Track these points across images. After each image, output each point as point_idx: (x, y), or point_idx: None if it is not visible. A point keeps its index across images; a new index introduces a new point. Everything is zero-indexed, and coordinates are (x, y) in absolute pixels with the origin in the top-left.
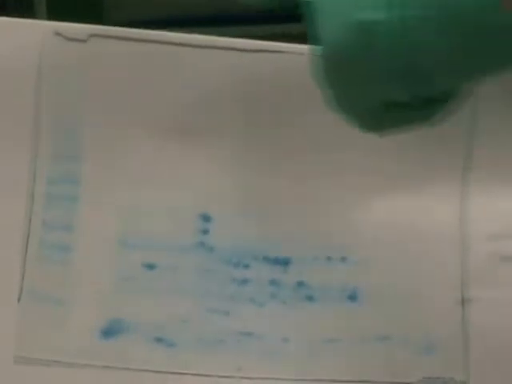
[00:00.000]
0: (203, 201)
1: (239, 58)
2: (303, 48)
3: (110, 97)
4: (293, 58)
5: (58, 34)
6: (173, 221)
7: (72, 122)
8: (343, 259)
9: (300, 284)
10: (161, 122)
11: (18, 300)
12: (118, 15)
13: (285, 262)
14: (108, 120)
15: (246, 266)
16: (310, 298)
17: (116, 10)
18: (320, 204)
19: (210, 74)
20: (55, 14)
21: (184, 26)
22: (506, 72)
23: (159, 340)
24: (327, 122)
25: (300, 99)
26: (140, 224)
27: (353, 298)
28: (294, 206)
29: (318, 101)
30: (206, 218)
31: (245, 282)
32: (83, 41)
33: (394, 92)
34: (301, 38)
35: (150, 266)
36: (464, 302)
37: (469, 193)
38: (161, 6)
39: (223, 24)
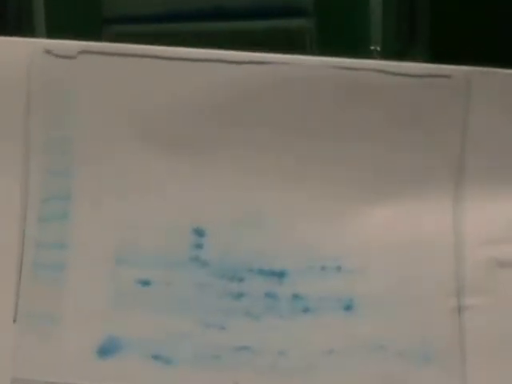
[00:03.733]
0: (196, 215)
1: (231, 70)
2: (295, 58)
3: (100, 112)
4: (285, 68)
5: (47, 51)
6: (166, 236)
7: (63, 139)
8: (338, 269)
9: (296, 296)
10: (152, 137)
11: (14, 321)
12: (117, 12)
13: (280, 274)
14: (99, 136)
15: (241, 280)
16: (306, 310)
17: (114, 6)
18: (313, 214)
19: (202, 87)
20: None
21: (181, 20)
22: None
23: (156, 357)
24: (318, 134)
25: (294, 110)
26: (133, 240)
27: (349, 308)
28: (287, 217)
29: (312, 112)
30: (200, 232)
31: (240, 295)
32: (73, 57)
33: None
34: (297, 33)
35: (145, 283)
36: (460, 310)
37: (463, 199)
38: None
39: (220, 18)
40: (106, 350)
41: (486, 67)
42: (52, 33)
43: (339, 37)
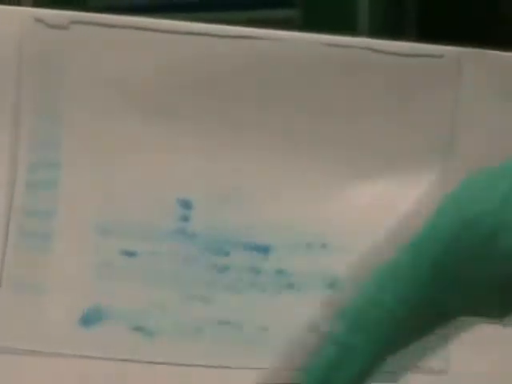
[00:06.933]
0: (185, 188)
1: (220, 43)
2: (286, 34)
3: (90, 82)
4: (271, 44)
5: (39, 20)
6: (154, 208)
7: (53, 108)
8: (323, 246)
9: (280, 272)
10: (142, 108)
11: None
12: (101, 2)
13: (265, 250)
14: (89, 105)
15: (227, 254)
16: (289, 286)
17: None
18: (300, 191)
19: (193, 59)
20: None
21: (167, 11)
22: None
23: (138, 329)
24: (305, 111)
25: (282, 86)
26: (120, 211)
27: (333, 285)
28: (275, 193)
29: (301, 89)
30: (187, 205)
31: (225, 269)
32: (64, 27)
33: None
34: (281, 24)
35: (130, 254)
36: None
37: (448, 180)
38: None
39: (205, 9)
40: (89, 319)
41: (476, 48)
42: None
43: (325, 27)
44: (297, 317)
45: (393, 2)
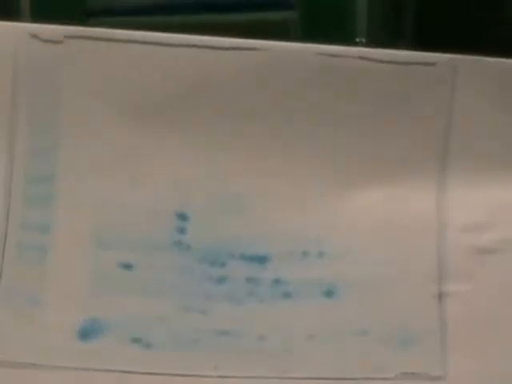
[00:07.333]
0: (180, 199)
1: (217, 55)
2: (282, 45)
3: (86, 97)
4: (271, 55)
5: (33, 35)
6: (149, 220)
7: (48, 123)
8: (320, 254)
9: (277, 281)
10: (137, 121)
11: None
12: (101, 4)
13: (262, 259)
14: (85, 120)
15: (223, 264)
16: (287, 295)
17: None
18: (296, 199)
19: (186, 72)
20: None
21: (166, 13)
22: None
23: (136, 340)
24: (304, 119)
25: (279, 96)
26: (117, 223)
27: (330, 293)
28: (270, 201)
29: (297, 98)
30: (183, 217)
31: (222, 280)
32: (59, 42)
33: None
34: (282, 26)
35: (127, 266)
36: (441, 295)
37: (446, 183)
38: None
39: (202, 12)
40: (87, 332)
41: (476, 50)
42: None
43: (323, 29)
44: (295, 325)
45: (390, 6)
